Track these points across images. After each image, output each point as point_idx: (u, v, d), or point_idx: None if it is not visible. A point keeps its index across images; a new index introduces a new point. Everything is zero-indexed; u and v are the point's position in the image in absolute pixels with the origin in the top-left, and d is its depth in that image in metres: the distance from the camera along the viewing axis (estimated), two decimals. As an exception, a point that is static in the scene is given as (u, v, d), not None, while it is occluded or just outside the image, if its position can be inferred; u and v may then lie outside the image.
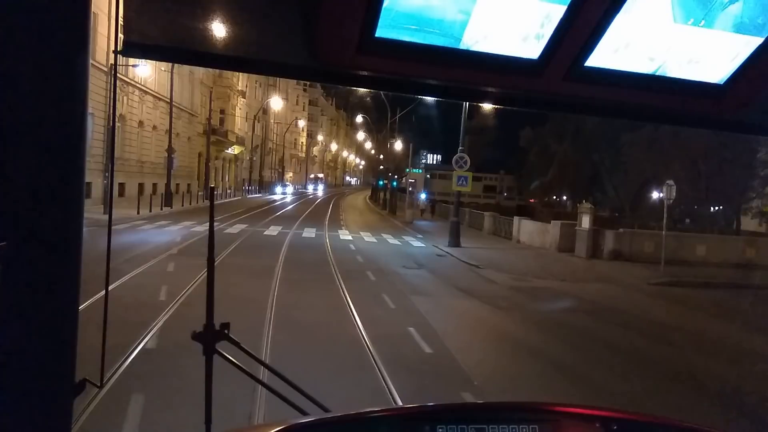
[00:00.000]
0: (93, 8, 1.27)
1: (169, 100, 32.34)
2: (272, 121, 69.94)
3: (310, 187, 78.51)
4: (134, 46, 1.00)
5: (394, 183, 44.96)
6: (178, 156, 34.14)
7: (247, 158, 57.88)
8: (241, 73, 40.33)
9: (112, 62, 22.37)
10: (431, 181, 73.77)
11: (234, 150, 52.41)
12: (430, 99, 27.15)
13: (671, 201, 18.55)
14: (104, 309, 1.24)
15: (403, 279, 13.62)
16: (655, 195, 30.47)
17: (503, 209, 41.59)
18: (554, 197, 60.83)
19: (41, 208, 0.98)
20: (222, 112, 48.77)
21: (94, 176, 24.63)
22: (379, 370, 6.48)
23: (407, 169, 44.18)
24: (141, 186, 32.26)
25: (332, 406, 1.62)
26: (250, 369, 1.74)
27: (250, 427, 4.09)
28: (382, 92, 29.42)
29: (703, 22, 1.00)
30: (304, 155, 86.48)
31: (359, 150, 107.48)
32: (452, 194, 23.71)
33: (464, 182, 21.70)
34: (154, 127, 35.83)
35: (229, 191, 45.36)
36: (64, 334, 1.04)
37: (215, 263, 1.61)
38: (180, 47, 1.04)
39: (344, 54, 0.98)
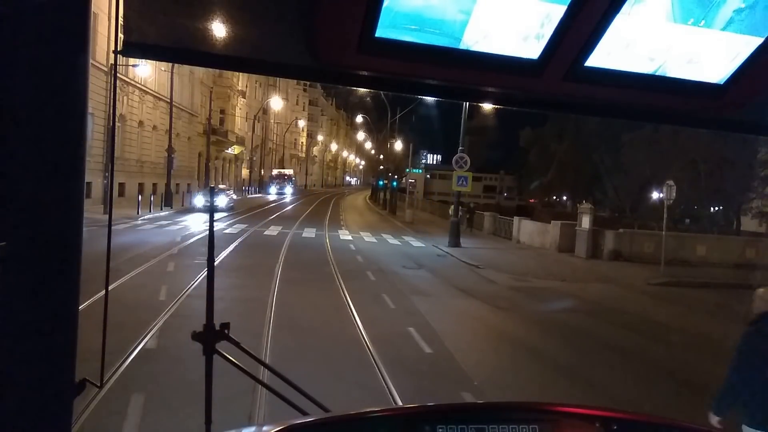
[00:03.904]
0: (93, 8, 1.27)
1: (169, 100, 32.34)
2: (272, 121, 69.90)
3: (273, 190, 55.01)
4: (134, 46, 1.00)
5: (394, 183, 44.96)
6: (178, 156, 34.15)
7: (247, 158, 57.82)
8: (241, 73, 40.31)
9: (112, 62, 22.37)
10: (431, 181, 73.76)
11: (234, 150, 52.38)
12: (430, 99, 27.13)
13: (671, 201, 18.54)
14: (104, 309, 1.24)
15: (403, 279, 13.61)
16: (655, 195, 30.41)
17: (503, 209, 41.56)
18: (554, 197, 60.81)
19: (41, 208, 0.98)
20: (222, 112, 48.76)
21: (94, 176, 24.63)
22: (379, 370, 6.48)
23: (407, 169, 44.23)
24: (141, 186, 32.24)
25: (332, 406, 1.62)
26: (250, 369, 1.73)
27: (250, 427, 4.09)
28: (382, 92, 29.41)
29: (703, 22, 1.00)
30: (304, 155, 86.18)
31: (359, 150, 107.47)
32: (452, 194, 23.70)
33: (464, 182, 21.71)
34: (154, 127, 35.82)
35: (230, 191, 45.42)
36: (64, 334, 1.04)
37: (215, 263, 1.61)
38: (180, 47, 1.04)
39: (344, 54, 0.98)
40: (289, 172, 61.85)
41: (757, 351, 3.57)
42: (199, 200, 30.32)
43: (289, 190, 55.63)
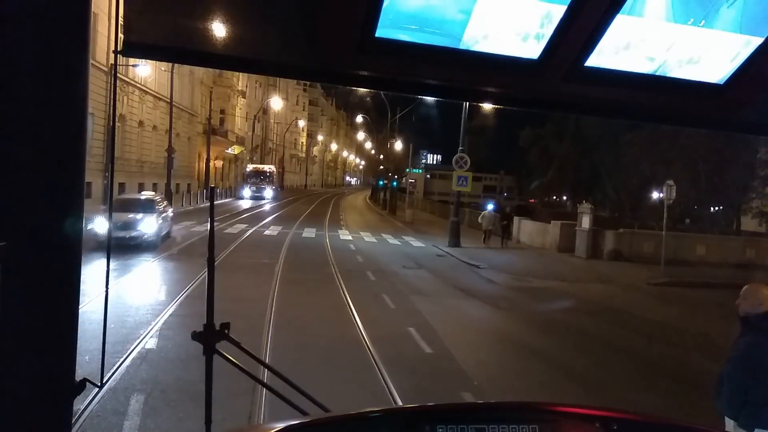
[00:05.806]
0: (93, 8, 1.27)
1: (169, 100, 32.33)
2: (272, 121, 69.81)
3: (248, 193, 41.43)
4: (134, 46, 1.00)
5: (395, 183, 44.95)
6: (178, 156, 34.12)
7: (247, 158, 57.77)
8: (241, 73, 40.15)
9: (112, 62, 22.37)
10: (431, 181, 73.69)
11: (234, 150, 52.36)
12: (430, 99, 27.14)
13: (671, 201, 18.52)
14: (104, 309, 1.24)
15: (403, 279, 13.61)
16: (655, 195, 30.38)
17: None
18: (554, 197, 60.79)
19: (41, 208, 0.98)
20: (222, 112, 48.69)
21: (94, 176, 24.62)
22: (379, 370, 6.47)
23: (407, 169, 44.22)
24: (141, 186, 32.18)
25: (332, 406, 1.62)
26: (250, 369, 1.73)
27: (250, 427, 4.09)
28: (382, 92, 29.38)
29: (703, 22, 1.00)
30: (304, 155, 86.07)
31: (359, 150, 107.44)
32: (452, 194, 23.70)
33: (464, 182, 21.70)
34: (154, 127, 35.80)
35: (232, 189, 45.41)
36: (64, 334, 1.04)
37: (215, 263, 1.61)
38: (180, 47, 1.04)
39: (344, 54, 0.98)
40: (269, 168, 47.38)
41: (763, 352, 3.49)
42: (100, 224, 13.91)
43: (269, 193, 42.35)
